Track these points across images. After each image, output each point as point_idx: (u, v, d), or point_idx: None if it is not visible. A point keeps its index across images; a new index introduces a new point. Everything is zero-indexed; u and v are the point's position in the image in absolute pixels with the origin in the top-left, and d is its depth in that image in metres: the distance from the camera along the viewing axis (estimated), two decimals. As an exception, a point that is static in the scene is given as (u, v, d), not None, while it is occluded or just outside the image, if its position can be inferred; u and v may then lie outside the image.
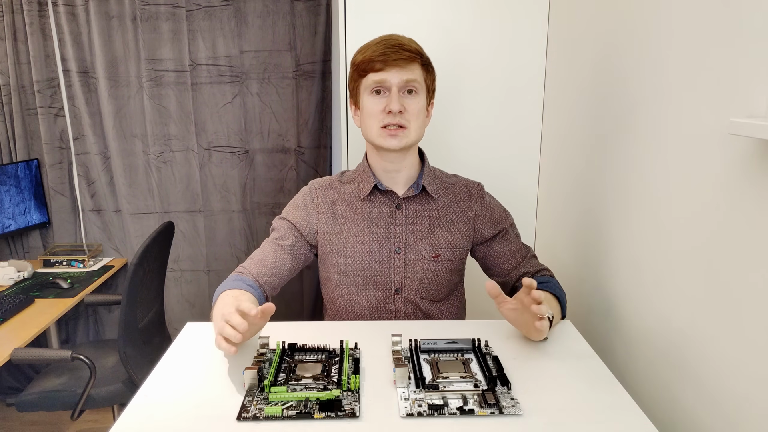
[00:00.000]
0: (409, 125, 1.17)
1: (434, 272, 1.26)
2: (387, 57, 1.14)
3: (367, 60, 1.16)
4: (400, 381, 0.93)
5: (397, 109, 1.15)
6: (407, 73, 1.15)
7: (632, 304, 1.18)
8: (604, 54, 1.30)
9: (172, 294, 2.69)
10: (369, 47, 1.17)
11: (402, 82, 1.15)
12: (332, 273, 1.27)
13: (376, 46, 1.16)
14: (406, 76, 1.15)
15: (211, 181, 2.62)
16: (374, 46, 1.16)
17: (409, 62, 1.16)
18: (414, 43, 1.20)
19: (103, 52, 2.44)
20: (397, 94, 1.15)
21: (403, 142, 1.17)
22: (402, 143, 1.17)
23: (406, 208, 1.25)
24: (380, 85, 1.16)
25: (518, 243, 1.30)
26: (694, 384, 0.96)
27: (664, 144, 1.05)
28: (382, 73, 1.15)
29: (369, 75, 1.16)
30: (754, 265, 0.82)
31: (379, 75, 1.15)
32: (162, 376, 0.98)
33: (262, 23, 2.46)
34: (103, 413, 2.55)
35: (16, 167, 2.47)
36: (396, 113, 1.15)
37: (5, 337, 1.89)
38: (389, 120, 1.16)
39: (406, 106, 1.16)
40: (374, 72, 1.16)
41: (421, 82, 1.18)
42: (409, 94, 1.17)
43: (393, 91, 1.15)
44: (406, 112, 1.16)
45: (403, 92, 1.17)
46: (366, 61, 1.16)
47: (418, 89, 1.17)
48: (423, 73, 1.19)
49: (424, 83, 1.19)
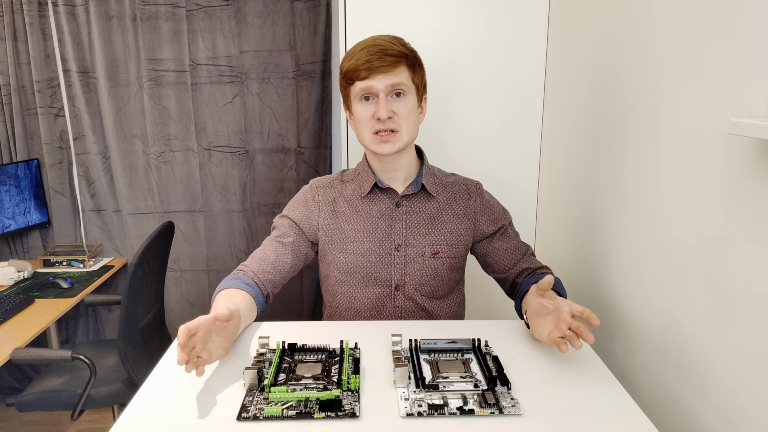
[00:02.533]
0: (400, 128, 1.17)
1: (434, 269, 1.26)
2: (371, 64, 1.14)
3: (353, 68, 1.16)
4: (400, 381, 0.93)
5: (386, 116, 1.15)
6: (392, 77, 1.15)
7: (632, 304, 1.18)
8: (604, 54, 1.30)
9: (172, 294, 2.69)
10: (353, 54, 1.17)
11: (388, 87, 1.15)
12: (332, 270, 1.28)
13: (360, 53, 1.16)
14: (391, 81, 1.15)
15: (211, 181, 2.62)
16: (358, 53, 1.16)
17: (394, 66, 1.15)
18: (398, 43, 1.18)
19: (103, 52, 2.44)
20: (385, 100, 1.16)
21: (396, 146, 1.18)
22: (395, 147, 1.18)
23: (406, 206, 1.26)
24: (368, 92, 1.17)
25: (517, 240, 1.31)
26: (694, 383, 0.96)
27: (664, 143, 1.05)
28: (368, 81, 1.15)
29: (356, 83, 1.17)
30: (754, 264, 0.82)
31: (366, 83, 1.16)
32: (162, 376, 0.98)
33: (262, 23, 2.46)
34: (103, 413, 2.55)
35: (16, 167, 2.48)
36: (385, 119, 1.16)
37: (5, 337, 1.89)
38: (380, 126, 1.17)
39: (395, 110, 1.16)
40: (360, 80, 1.16)
41: (408, 83, 1.18)
42: (397, 97, 1.17)
43: (381, 97, 1.16)
44: (395, 115, 1.16)
45: (391, 96, 1.17)
46: (352, 69, 1.16)
47: (405, 91, 1.17)
48: (410, 74, 1.18)
49: (412, 83, 1.19)
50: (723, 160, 0.88)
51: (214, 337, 0.97)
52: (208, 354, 0.94)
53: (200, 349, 0.92)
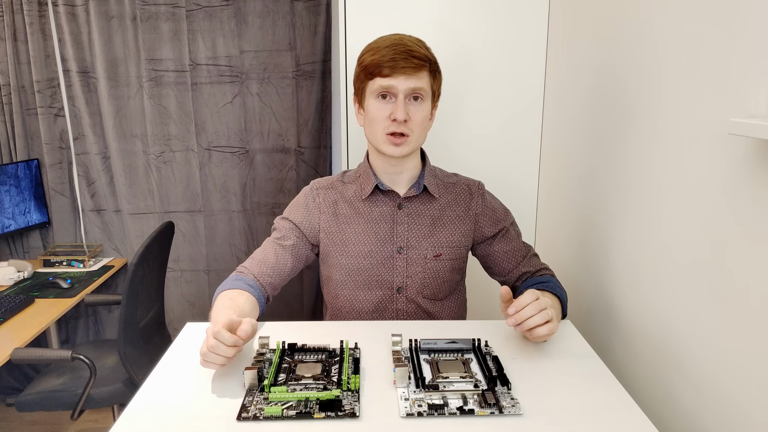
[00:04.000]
0: (412, 134, 1.16)
1: (436, 271, 1.26)
2: (396, 63, 1.12)
3: (376, 64, 1.14)
4: (400, 381, 0.93)
5: (403, 118, 1.14)
6: (415, 81, 1.14)
7: (632, 303, 1.18)
8: (604, 54, 1.30)
9: (172, 294, 2.69)
10: (378, 49, 1.14)
11: (409, 90, 1.14)
12: (334, 272, 1.28)
13: (386, 49, 1.13)
14: (413, 84, 1.14)
15: (211, 181, 2.62)
16: (384, 50, 1.14)
17: (418, 70, 1.14)
18: (423, 47, 1.17)
19: (103, 52, 2.44)
20: (403, 102, 1.14)
21: (405, 151, 1.18)
22: (404, 152, 1.18)
23: (408, 208, 1.26)
24: (387, 90, 1.15)
25: (519, 242, 1.30)
26: (693, 383, 0.96)
27: (664, 143, 1.05)
28: (390, 79, 1.14)
29: (376, 79, 1.15)
30: (754, 264, 0.82)
31: (387, 81, 1.14)
32: (162, 376, 0.98)
33: (262, 23, 2.46)
34: (103, 413, 2.55)
35: (16, 167, 2.48)
36: (401, 122, 1.14)
37: (5, 337, 1.89)
38: (394, 128, 1.15)
39: (411, 114, 1.15)
40: (382, 77, 1.14)
41: (427, 89, 1.17)
42: (414, 101, 1.16)
43: (399, 98, 1.14)
44: (410, 120, 1.15)
45: (409, 99, 1.15)
46: (374, 64, 1.14)
47: (424, 96, 1.16)
48: (430, 80, 1.17)
49: (431, 89, 1.18)
50: (723, 160, 0.88)
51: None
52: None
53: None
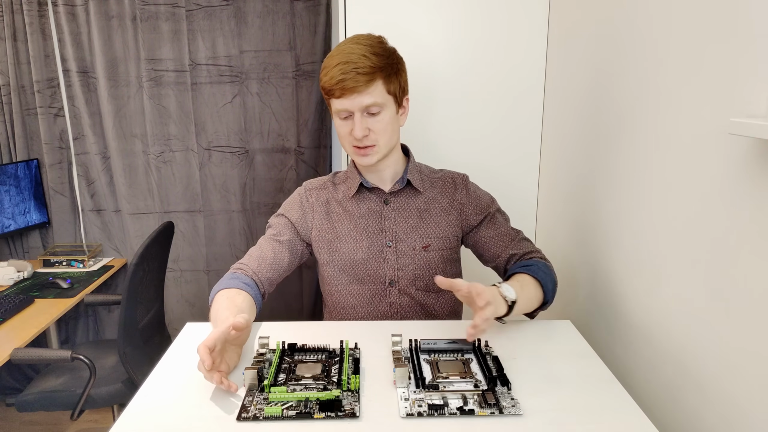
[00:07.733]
0: (377, 142, 1.18)
1: (426, 262, 1.28)
2: (345, 84, 1.12)
3: (327, 87, 1.15)
4: (400, 381, 0.93)
5: (361, 135, 1.16)
6: (366, 97, 1.14)
7: (632, 304, 1.18)
8: (604, 54, 1.30)
9: (172, 294, 2.69)
10: (329, 69, 1.14)
11: (362, 107, 1.14)
12: (328, 269, 1.31)
13: (334, 69, 1.13)
14: (366, 101, 1.14)
15: (210, 181, 2.62)
16: (333, 70, 1.13)
17: (367, 85, 1.13)
18: (370, 54, 1.13)
19: (103, 52, 2.44)
20: (360, 119, 1.15)
21: (375, 158, 1.20)
22: (374, 160, 1.20)
23: (394, 203, 1.29)
24: (343, 111, 1.17)
25: (506, 226, 1.31)
26: (694, 383, 0.96)
27: (663, 144, 1.05)
28: (343, 100, 1.14)
29: (332, 100, 1.17)
30: (754, 264, 0.82)
31: (341, 103, 1.15)
32: (162, 376, 0.98)
33: (262, 23, 2.46)
34: (103, 413, 2.55)
35: (16, 167, 2.47)
36: (361, 138, 1.16)
37: (5, 337, 1.89)
38: (357, 143, 1.18)
39: (371, 126, 1.16)
40: (335, 98, 1.15)
41: (382, 99, 1.16)
42: (372, 115, 1.16)
43: (356, 116, 1.15)
44: (372, 131, 1.17)
45: (365, 113, 1.16)
46: (326, 88, 1.15)
47: (381, 107, 1.16)
48: (384, 87, 1.16)
49: (388, 95, 1.17)
50: (723, 160, 0.88)
51: (227, 346, 0.98)
52: (226, 366, 0.96)
53: (219, 362, 0.92)
